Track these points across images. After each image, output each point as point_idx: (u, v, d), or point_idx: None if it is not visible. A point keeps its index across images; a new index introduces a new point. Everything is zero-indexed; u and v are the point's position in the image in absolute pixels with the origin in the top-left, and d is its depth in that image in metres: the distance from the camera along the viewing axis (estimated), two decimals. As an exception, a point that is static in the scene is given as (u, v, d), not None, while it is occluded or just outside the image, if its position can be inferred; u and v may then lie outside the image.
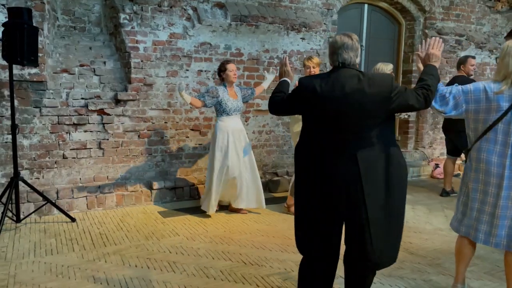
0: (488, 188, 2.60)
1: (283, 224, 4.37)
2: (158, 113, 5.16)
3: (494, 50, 7.53)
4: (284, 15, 5.60)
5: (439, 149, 7.32)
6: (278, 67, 5.05)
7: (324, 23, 5.96)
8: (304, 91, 2.29)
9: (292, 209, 4.17)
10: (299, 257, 3.56)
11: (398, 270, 3.35)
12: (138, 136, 5.07)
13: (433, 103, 2.57)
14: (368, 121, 2.19)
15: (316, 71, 4.51)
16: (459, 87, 2.65)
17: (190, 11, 5.15)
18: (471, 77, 5.45)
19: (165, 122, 5.21)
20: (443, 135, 5.98)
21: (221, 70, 4.58)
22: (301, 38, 5.82)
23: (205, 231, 4.13)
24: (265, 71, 5.14)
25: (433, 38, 2.58)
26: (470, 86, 2.63)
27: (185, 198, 5.19)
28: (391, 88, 2.19)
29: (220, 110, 4.53)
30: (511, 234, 2.57)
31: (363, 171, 2.17)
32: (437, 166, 6.86)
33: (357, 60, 2.29)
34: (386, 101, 2.18)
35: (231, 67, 4.53)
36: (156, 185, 5.05)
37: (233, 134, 4.50)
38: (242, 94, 4.71)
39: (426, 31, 6.98)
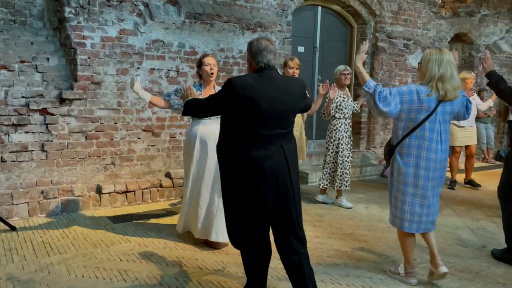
0: (418, 181, 2.91)
1: (240, 227, 4.28)
2: (107, 113, 4.89)
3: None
4: (239, 14, 5.52)
5: (390, 149, 7.53)
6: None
7: (279, 24, 5.94)
8: (240, 90, 2.32)
9: None
10: (257, 260, 3.48)
11: (355, 269, 3.36)
12: (86, 137, 4.79)
13: (379, 104, 2.87)
14: (292, 116, 2.52)
15: (297, 73, 4.40)
16: (395, 88, 2.92)
17: (141, 7, 4.95)
18: None
19: (115, 123, 4.96)
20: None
21: (198, 65, 3.81)
22: (256, 38, 5.76)
23: (158, 237, 3.95)
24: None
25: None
26: (404, 88, 2.91)
27: (137, 203, 4.97)
28: (304, 89, 2.56)
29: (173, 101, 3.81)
30: (434, 219, 3.02)
31: (290, 163, 2.45)
32: (387, 165, 7.05)
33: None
34: (302, 99, 2.54)
35: (208, 60, 3.73)
36: (105, 189, 4.78)
37: (209, 143, 3.63)
38: None
39: (377, 34, 7.17)
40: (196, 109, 2.64)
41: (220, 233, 3.57)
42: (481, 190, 6.22)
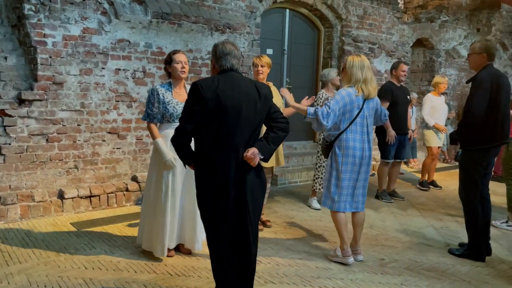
0: (354, 168, 3.42)
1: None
2: (69, 115, 4.70)
3: (402, 58, 8.10)
4: (208, 15, 5.45)
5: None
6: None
7: (248, 26, 5.92)
8: (204, 91, 2.33)
9: None
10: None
11: (326, 271, 3.37)
12: (47, 140, 4.58)
13: (323, 122, 3.28)
14: (258, 119, 2.47)
15: (264, 71, 4.03)
16: (331, 101, 3.32)
17: (106, 5, 4.79)
18: (402, 83, 5.71)
19: (78, 125, 4.77)
20: None
21: (167, 62, 3.50)
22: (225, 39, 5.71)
23: (126, 243, 3.81)
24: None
25: None
26: (338, 96, 3.34)
27: (102, 207, 4.79)
28: (271, 94, 2.55)
29: (154, 116, 3.41)
30: (364, 199, 3.55)
31: (248, 169, 2.43)
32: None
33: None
34: (268, 103, 2.50)
35: (179, 57, 3.44)
36: (68, 193, 4.59)
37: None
38: None
39: (343, 38, 7.29)
40: (178, 131, 2.47)
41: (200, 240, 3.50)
42: (443, 190, 6.43)
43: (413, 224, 4.67)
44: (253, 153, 2.37)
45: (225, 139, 2.37)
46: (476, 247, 3.69)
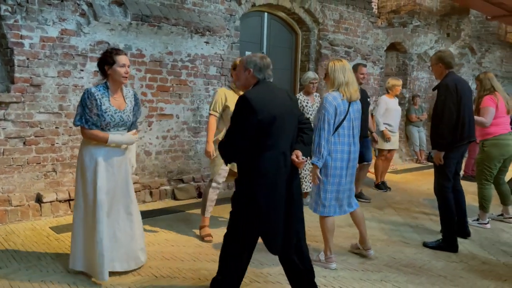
0: (342, 172, 3.44)
1: (193, 232, 4.23)
2: (47, 117, 4.62)
3: (376, 62, 8.33)
4: (187, 17, 5.47)
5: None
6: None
7: (227, 29, 5.97)
8: (256, 104, 2.46)
9: (205, 234, 4.04)
10: (214, 265, 3.48)
11: (309, 270, 3.45)
12: (24, 143, 4.49)
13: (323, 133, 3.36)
14: (295, 122, 2.69)
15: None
16: (324, 113, 3.34)
17: (85, 7, 4.74)
18: (361, 85, 5.85)
19: (56, 127, 4.70)
20: None
21: (106, 62, 3.07)
22: (205, 42, 5.74)
23: (108, 245, 3.78)
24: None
25: None
26: (327, 106, 3.35)
27: (81, 211, 4.73)
28: (297, 99, 2.79)
29: (93, 122, 3.02)
30: (349, 200, 3.58)
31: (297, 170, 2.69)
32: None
33: None
34: (298, 108, 2.78)
35: (123, 59, 3.07)
36: (46, 197, 4.51)
37: (109, 165, 3.08)
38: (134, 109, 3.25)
39: (320, 41, 7.43)
40: (230, 146, 2.59)
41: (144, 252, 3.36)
42: (416, 189, 6.65)
43: (390, 223, 4.82)
44: (302, 157, 2.58)
45: (276, 144, 2.52)
46: (449, 239, 3.95)
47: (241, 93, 2.81)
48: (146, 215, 4.57)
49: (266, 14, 6.98)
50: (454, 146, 3.96)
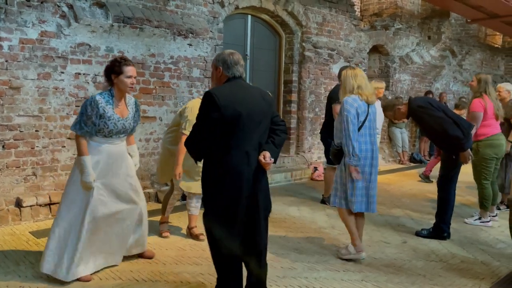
0: (366, 169, 3.57)
1: (176, 235, 4.22)
2: (27, 120, 4.56)
3: (359, 64, 8.42)
4: (170, 19, 5.46)
5: (317, 153, 7.88)
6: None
7: (211, 31, 5.97)
8: (220, 99, 2.44)
9: (196, 231, 4.10)
10: (196, 268, 3.50)
11: (291, 271, 3.47)
12: (3, 146, 4.42)
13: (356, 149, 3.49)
14: (266, 123, 2.65)
15: None
16: (347, 117, 3.47)
17: (65, 8, 4.69)
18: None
19: (36, 131, 4.64)
20: (319, 140, 6.29)
21: (114, 71, 3.11)
22: (188, 44, 5.73)
23: (89, 250, 3.75)
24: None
25: None
26: (348, 107, 3.48)
27: (63, 215, 4.67)
28: (273, 100, 2.79)
29: (87, 130, 3.05)
30: (375, 200, 3.68)
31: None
32: (315, 169, 7.37)
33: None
34: (272, 108, 2.71)
35: (131, 71, 3.12)
36: (26, 201, 4.44)
37: (109, 171, 3.17)
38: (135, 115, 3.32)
39: (303, 44, 7.49)
40: (193, 139, 2.57)
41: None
42: (399, 190, 6.74)
43: (371, 223, 4.87)
44: (269, 158, 2.54)
45: (239, 143, 2.50)
46: (440, 229, 4.36)
47: None
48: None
49: (249, 16, 7.01)
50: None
